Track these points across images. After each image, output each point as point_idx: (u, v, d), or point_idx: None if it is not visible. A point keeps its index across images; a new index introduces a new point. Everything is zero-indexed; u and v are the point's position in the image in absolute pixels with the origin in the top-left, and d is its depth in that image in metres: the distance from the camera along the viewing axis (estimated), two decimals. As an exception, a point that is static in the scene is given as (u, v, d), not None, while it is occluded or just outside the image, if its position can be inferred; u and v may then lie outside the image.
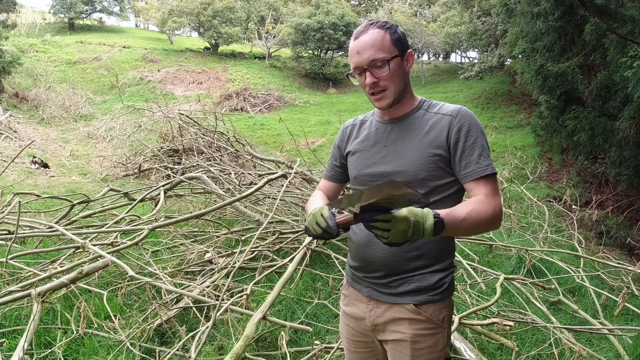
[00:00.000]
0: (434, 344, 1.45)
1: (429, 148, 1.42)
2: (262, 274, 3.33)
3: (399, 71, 1.44)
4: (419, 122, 1.47)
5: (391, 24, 1.46)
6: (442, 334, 1.46)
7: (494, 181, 1.41)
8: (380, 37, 1.41)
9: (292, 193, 5.26)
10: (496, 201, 1.38)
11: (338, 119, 15.14)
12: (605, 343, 3.16)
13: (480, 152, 1.40)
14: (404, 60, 1.45)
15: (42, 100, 16.10)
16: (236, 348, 2.22)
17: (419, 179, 1.41)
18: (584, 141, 6.94)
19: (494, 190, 1.40)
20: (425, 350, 1.45)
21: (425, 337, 1.44)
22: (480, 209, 1.34)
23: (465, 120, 1.42)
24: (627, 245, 6.31)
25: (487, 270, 3.92)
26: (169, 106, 10.36)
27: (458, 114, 1.44)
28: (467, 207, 1.33)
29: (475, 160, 1.40)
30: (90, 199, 4.91)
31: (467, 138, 1.41)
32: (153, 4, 32.91)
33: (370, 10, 34.11)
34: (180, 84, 21.63)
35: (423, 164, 1.42)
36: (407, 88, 1.49)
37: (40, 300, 2.46)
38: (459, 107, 1.46)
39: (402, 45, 1.44)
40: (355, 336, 1.60)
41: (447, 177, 1.44)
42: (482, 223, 1.35)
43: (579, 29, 7.08)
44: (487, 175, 1.40)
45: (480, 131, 1.43)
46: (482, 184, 1.40)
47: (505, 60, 16.85)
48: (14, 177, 8.48)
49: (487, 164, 1.40)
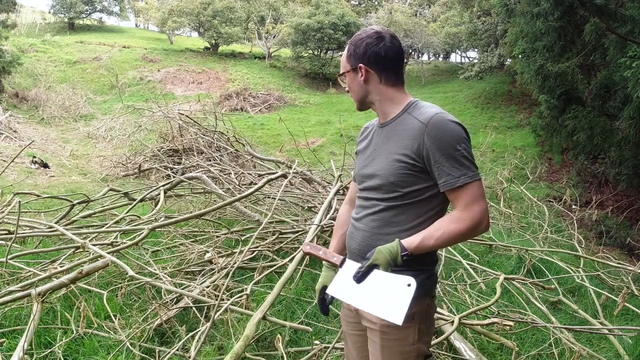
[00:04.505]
0: (403, 337, 1.51)
1: (396, 154, 1.50)
2: (262, 274, 3.33)
3: (353, 83, 1.59)
4: (400, 127, 1.52)
5: (355, 39, 1.57)
6: (412, 329, 1.51)
7: (470, 190, 1.42)
8: (343, 55, 1.61)
9: (292, 193, 5.26)
10: (473, 212, 1.41)
11: (338, 119, 15.14)
12: (605, 343, 3.16)
13: (451, 163, 1.41)
14: (357, 74, 1.56)
15: (42, 100, 16.09)
16: (236, 348, 2.22)
17: (389, 182, 1.51)
18: (584, 141, 6.94)
19: (471, 200, 1.41)
20: (394, 342, 1.52)
21: (393, 329, 1.49)
22: (452, 229, 1.42)
23: (435, 131, 1.43)
24: (627, 245, 6.31)
25: (487, 270, 3.92)
26: (169, 106, 10.36)
27: (429, 124, 1.44)
28: (437, 231, 1.43)
29: (446, 172, 1.42)
30: (90, 199, 4.90)
31: (437, 149, 1.42)
32: (153, 4, 32.87)
33: (370, 10, 34.05)
34: (180, 84, 21.63)
35: (392, 169, 1.50)
36: (369, 96, 1.58)
37: (40, 300, 2.46)
38: (433, 113, 1.46)
39: (355, 60, 1.56)
40: (350, 318, 1.71)
41: (421, 183, 1.48)
42: (456, 240, 1.46)
43: (578, 29, 7.08)
44: (461, 186, 1.41)
45: (452, 139, 1.42)
46: (457, 195, 1.43)
47: (505, 60, 16.85)
48: (14, 177, 8.48)
49: (460, 175, 1.41)
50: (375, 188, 1.55)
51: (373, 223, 1.55)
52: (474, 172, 1.43)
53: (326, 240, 4.31)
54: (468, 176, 1.41)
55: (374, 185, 1.55)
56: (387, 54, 1.52)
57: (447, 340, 2.77)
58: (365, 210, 1.59)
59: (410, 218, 1.50)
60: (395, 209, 1.51)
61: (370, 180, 1.56)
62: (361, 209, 1.61)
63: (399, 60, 1.56)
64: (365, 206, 1.60)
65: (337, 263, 1.54)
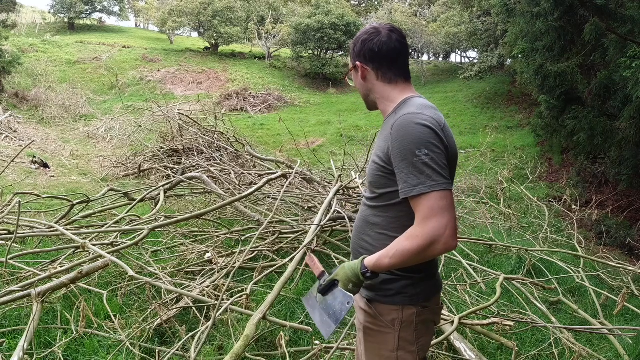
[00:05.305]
0: (383, 341, 1.48)
1: (375, 155, 1.50)
2: (262, 274, 3.33)
3: (356, 82, 1.59)
4: (385, 127, 1.50)
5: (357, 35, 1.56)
6: (392, 336, 1.46)
7: (427, 203, 1.28)
8: None
9: (292, 193, 5.27)
10: (427, 228, 1.27)
11: (338, 119, 15.14)
12: (605, 343, 3.16)
13: (410, 170, 1.30)
14: (357, 72, 1.56)
15: (42, 100, 16.08)
16: (236, 348, 2.22)
17: (369, 182, 1.53)
18: (584, 141, 6.95)
19: (427, 214, 1.27)
20: (374, 345, 1.52)
21: (374, 332, 1.50)
22: (403, 248, 1.32)
23: (397, 133, 1.34)
24: (627, 245, 6.30)
25: (487, 270, 3.93)
26: (169, 106, 10.36)
27: (394, 126, 1.36)
28: (392, 249, 1.36)
29: (403, 179, 1.32)
30: (90, 199, 4.90)
31: (397, 153, 1.33)
32: (153, 4, 32.87)
33: (370, 10, 34.08)
34: (180, 84, 21.62)
35: (371, 169, 1.51)
36: (370, 95, 1.57)
37: (40, 300, 2.46)
38: (401, 115, 1.37)
39: (354, 57, 1.56)
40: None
41: (393, 186, 1.41)
42: (408, 259, 1.33)
43: (578, 29, 7.08)
44: (416, 196, 1.29)
45: (412, 144, 1.30)
46: (415, 206, 1.32)
47: (505, 60, 16.85)
48: (14, 177, 8.47)
49: (417, 183, 1.28)
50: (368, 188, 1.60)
51: (359, 223, 1.59)
52: (435, 182, 1.27)
53: (326, 241, 4.31)
54: (426, 185, 1.27)
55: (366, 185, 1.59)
56: (381, 49, 1.47)
57: (447, 340, 2.78)
58: (360, 209, 1.64)
59: (387, 221, 1.46)
60: (373, 210, 1.52)
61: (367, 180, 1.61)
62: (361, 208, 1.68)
63: (396, 55, 1.48)
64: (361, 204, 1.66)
65: (317, 275, 1.57)
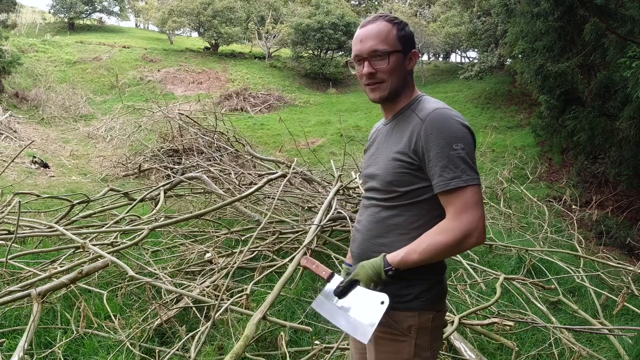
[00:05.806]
0: (397, 350, 1.41)
1: (394, 152, 1.41)
2: (262, 274, 3.33)
3: (398, 67, 1.41)
4: (402, 124, 1.44)
5: (400, 20, 1.43)
6: (407, 343, 1.40)
7: (463, 196, 1.28)
8: (387, 30, 1.39)
9: (292, 193, 5.27)
10: (462, 222, 1.27)
11: (338, 119, 15.14)
12: (605, 343, 3.16)
13: (445, 163, 1.28)
14: (407, 59, 1.43)
15: (42, 100, 16.08)
16: (236, 348, 2.22)
17: (386, 182, 1.42)
18: (584, 141, 6.95)
19: (462, 208, 1.27)
20: (387, 354, 1.42)
21: (387, 342, 1.42)
22: (437, 242, 1.29)
23: (432, 127, 1.31)
24: (627, 245, 6.31)
25: (487, 270, 3.92)
26: (169, 106, 10.37)
27: (427, 119, 1.33)
28: (422, 244, 1.32)
29: (438, 173, 1.30)
30: (90, 199, 4.90)
31: (432, 148, 1.31)
32: (153, 4, 32.87)
33: (370, 10, 34.07)
34: (180, 84, 21.62)
35: (390, 167, 1.41)
36: (405, 87, 1.46)
37: (40, 300, 2.46)
38: (432, 109, 1.35)
39: (408, 42, 1.42)
40: None
41: (419, 183, 1.37)
42: (442, 253, 1.31)
43: (578, 29, 7.09)
44: (453, 190, 1.28)
45: (450, 137, 1.29)
46: (449, 200, 1.30)
47: (505, 60, 16.85)
48: (14, 177, 8.47)
49: (453, 177, 1.27)
50: (375, 188, 1.48)
51: (371, 225, 1.48)
52: (470, 177, 1.28)
53: (326, 241, 4.31)
54: (462, 180, 1.27)
55: (374, 186, 1.48)
56: None
57: (447, 340, 2.77)
58: (366, 211, 1.52)
59: (409, 220, 1.40)
60: (393, 210, 1.42)
61: (372, 181, 1.49)
62: (363, 210, 1.55)
63: None
64: (366, 206, 1.53)
65: (325, 277, 1.50)
